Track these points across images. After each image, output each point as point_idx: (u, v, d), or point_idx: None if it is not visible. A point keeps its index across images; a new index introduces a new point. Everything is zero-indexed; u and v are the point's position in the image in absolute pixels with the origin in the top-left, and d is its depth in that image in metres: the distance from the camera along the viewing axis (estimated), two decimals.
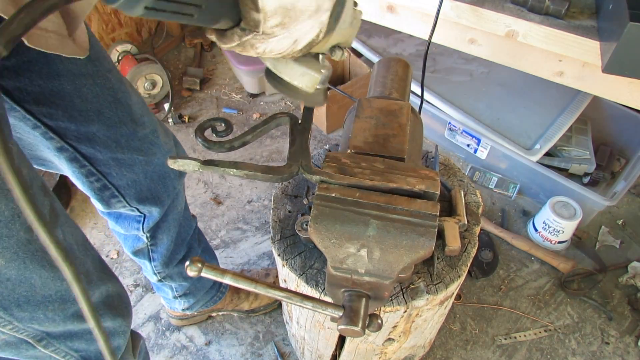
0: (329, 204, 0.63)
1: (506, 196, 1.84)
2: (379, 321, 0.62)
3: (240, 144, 0.70)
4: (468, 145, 1.84)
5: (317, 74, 0.60)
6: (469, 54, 1.24)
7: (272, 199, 0.96)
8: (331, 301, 0.67)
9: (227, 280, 0.54)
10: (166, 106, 2.12)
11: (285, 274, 0.88)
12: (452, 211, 0.87)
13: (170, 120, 2.10)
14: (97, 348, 0.79)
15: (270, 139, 2.07)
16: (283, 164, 0.68)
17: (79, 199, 1.83)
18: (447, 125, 1.85)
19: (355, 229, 0.62)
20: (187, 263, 0.52)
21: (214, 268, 0.54)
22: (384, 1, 1.27)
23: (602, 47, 0.97)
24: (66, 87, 0.74)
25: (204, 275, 0.53)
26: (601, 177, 1.79)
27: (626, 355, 1.43)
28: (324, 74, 0.61)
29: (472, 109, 1.82)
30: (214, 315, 1.49)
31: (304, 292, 0.84)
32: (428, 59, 1.14)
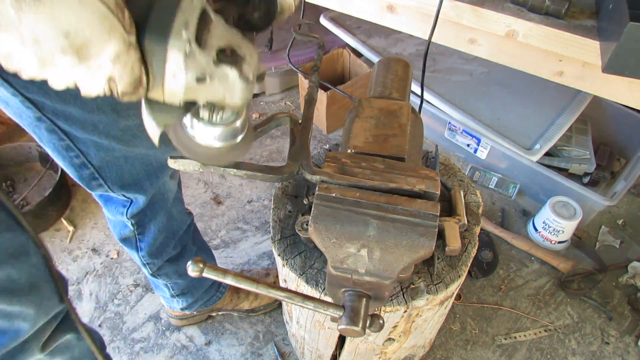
0: (329, 204, 0.63)
1: (506, 196, 1.84)
2: (381, 321, 0.62)
3: None
4: (468, 145, 1.84)
5: (159, 126, 0.46)
6: (469, 54, 1.24)
7: (272, 199, 0.96)
8: (331, 301, 0.67)
9: (228, 280, 0.54)
10: None
11: (286, 273, 0.88)
12: (452, 211, 0.87)
13: None
14: None
15: (270, 139, 2.07)
16: (283, 164, 0.68)
17: (79, 199, 1.83)
18: (447, 125, 1.85)
19: (355, 229, 0.62)
20: (189, 263, 0.52)
21: (215, 268, 0.54)
22: (384, 1, 1.27)
23: (602, 46, 0.97)
24: None
25: (205, 275, 0.53)
26: (601, 177, 1.79)
27: (626, 355, 1.43)
28: (201, 129, 0.50)
29: (472, 109, 1.82)
30: (213, 315, 1.49)
31: (304, 292, 0.84)
32: (428, 59, 1.14)
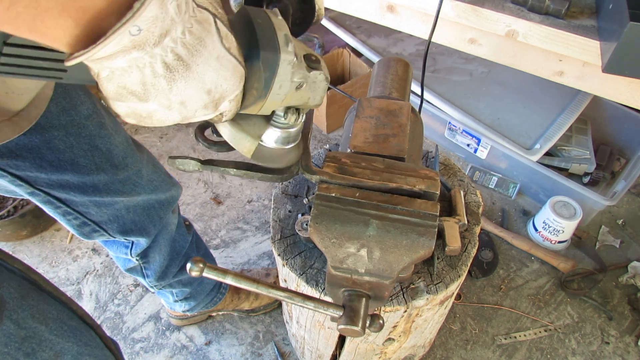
0: (329, 204, 0.63)
1: (506, 196, 1.84)
2: (381, 321, 0.62)
3: None
4: (468, 145, 1.84)
5: (254, 139, 0.53)
6: (469, 54, 1.24)
7: (272, 199, 0.96)
8: (331, 301, 0.67)
9: (228, 280, 0.54)
10: None
11: (286, 273, 0.88)
12: (452, 211, 0.87)
13: None
14: None
15: None
16: None
17: None
18: (447, 125, 1.85)
19: (355, 228, 0.62)
20: (189, 264, 0.52)
21: (215, 268, 0.54)
22: (384, 1, 1.27)
23: (602, 46, 0.97)
24: (34, 141, 0.70)
25: (205, 275, 0.53)
26: (601, 176, 1.78)
27: (626, 355, 1.43)
28: (279, 135, 0.54)
29: (472, 109, 1.82)
30: (214, 315, 1.49)
31: (304, 291, 0.84)
32: (428, 58, 1.14)
